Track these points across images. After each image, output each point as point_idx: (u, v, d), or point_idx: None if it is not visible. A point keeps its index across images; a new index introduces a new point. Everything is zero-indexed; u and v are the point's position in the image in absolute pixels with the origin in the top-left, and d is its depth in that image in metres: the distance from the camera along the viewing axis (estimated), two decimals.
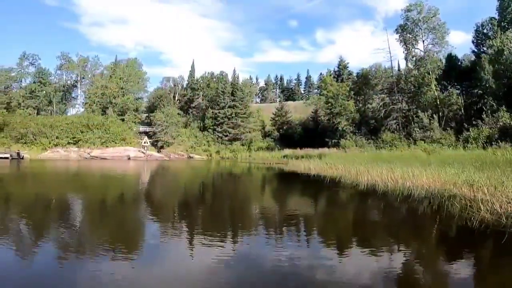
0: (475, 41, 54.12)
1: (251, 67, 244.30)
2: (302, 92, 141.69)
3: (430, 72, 50.13)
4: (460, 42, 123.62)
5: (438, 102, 49.15)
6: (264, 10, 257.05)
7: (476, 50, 53.99)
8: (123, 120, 74.99)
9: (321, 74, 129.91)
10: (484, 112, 39.86)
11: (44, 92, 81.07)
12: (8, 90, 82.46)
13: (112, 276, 5.49)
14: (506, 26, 47.10)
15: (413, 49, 54.02)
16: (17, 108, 75.66)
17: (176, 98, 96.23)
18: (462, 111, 47.15)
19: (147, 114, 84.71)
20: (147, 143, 63.84)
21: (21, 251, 6.87)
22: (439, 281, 5.71)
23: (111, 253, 6.66)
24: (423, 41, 52.76)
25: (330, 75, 72.35)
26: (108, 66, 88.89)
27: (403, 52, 55.12)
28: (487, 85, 44.15)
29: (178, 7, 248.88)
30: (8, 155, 48.02)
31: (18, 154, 49.80)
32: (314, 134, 67.97)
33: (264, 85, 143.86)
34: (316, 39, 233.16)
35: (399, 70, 66.56)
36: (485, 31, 52.29)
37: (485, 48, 49.36)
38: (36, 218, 10.27)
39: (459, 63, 54.67)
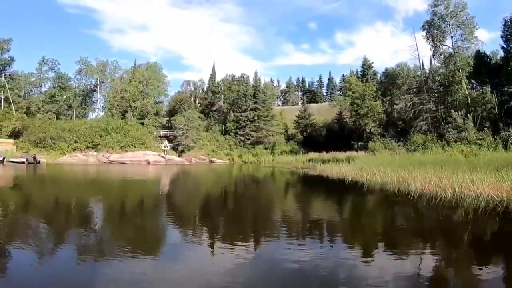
0: (504, 36, 50.82)
1: (272, 71, 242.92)
2: (325, 94, 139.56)
3: (460, 70, 47.34)
4: (483, 40, 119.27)
5: (470, 101, 46.35)
6: (284, 13, 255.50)
7: (505, 46, 50.76)
8: (143, 124, 73.67)
9: (343, 75, 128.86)
10: None
11: (64, 96, 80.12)
12: (28, 95, 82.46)
13: (134, 277, 5.60)
14: None
15: (441, 46, 50.90)
16: (37, 113, 74.89)
17: (197, 102, 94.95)
18: (496, 110, 44.25)
19: (167, 118, 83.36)
20: (167, 147, 62.19)
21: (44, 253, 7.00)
22: None
23: (132, 255, 6.70)
24: (452, 37, 49.63)
25: (354, 76, 70.03)
26: (127, 70, 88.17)
27: (430, 49, 52.08)
28: None
29: (198, 12, 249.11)
30: (24, 160, 46.74)
31: (35, 158, 48.46)
32: (339, 137, 65.58)
33: (286, 88, 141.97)
34: (336, 41, 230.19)
35: (423, 68, 63.76)
36: None
37: None
38: (47, 231, 9.29)
39: (488, 60, 51.71)
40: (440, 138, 43.94)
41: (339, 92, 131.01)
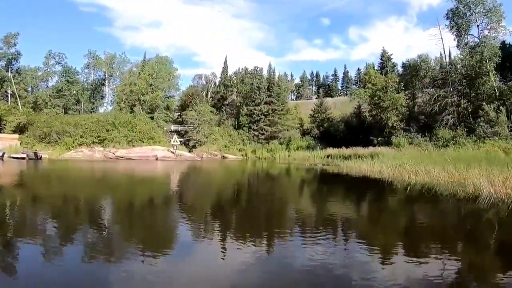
0: None
1: (284, 66, 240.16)
2: (340, 88, 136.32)
3: (487, 60, 43.69)
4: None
5: (498, 94, 43.04)
6: (297, 9, 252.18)
7: None
8: (152, 118, 70.61)
9: (359, 69, 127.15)
10: None
11: (73, 91, 77.74)
12: (35, 90, 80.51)
13: (144, 276, 5.48)
14: None
15: (466, 36, 47.48)
16: (44, 107, 72.52)
17: (209, 96, 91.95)
18: None
19: (179, 113, 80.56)
20: (176, 141, 58.91)
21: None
22: None
23: (142, 254, 6.60)
24: (478, 26, 46.13)
25: (372, 68, 66.81)
26: (137, 64, 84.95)
27: (454, 39, 48.74)
28: None
29: (211, 8, 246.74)
30: (24, 156, 44.28)
31: (36, 154, 45.95)
32: (358, 132, 62.41)
33: (300, 82, 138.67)
34: (349, 36, 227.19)
35: (446, 60, 60.62)
36: None
37: None
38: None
39: None
40: (469, 133, 40.86)
41: (354, 86, 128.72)
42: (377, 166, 24.62)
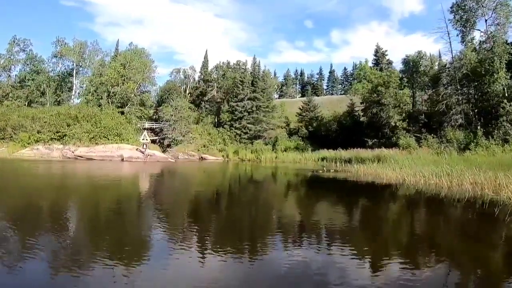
0: None
1: (266, 67, 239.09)
2: (325, 88, 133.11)
3: (497, 57, 40.25)
4: None
5: (509, 93, 39.63)
6: (280, 11, 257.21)
7: None
8: (122, 113, 63.75)
9: (345, 69, 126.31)
10: None
11: (37, 81, 70.60)
12: None
13: None
14: None
15: (472, 31, 44.65)
16: (4, 99, 65.53)
17: (187, 92, 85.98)
18: None
19: (154, 110, 74.00)
20: (146, 139, 51.10)
21: None
22: None
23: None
24: (486, 20, 42.98)
25: (366, 64, 61.90)
26: (109, 54, 77.58)
27: (457, 35, 45.74)
28: None
29: (194, 7, 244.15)
30: None
31: None
32: (352, 132, 57.61)
33: (283, 80, 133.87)
34: (332, 39, 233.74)
35: (440, 57, 58.48)
36: None
37: None
38: None
39: None
40: (485, 135, 36.60)
41: (340, 86, 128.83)
42: (411, 172, 18.98)
